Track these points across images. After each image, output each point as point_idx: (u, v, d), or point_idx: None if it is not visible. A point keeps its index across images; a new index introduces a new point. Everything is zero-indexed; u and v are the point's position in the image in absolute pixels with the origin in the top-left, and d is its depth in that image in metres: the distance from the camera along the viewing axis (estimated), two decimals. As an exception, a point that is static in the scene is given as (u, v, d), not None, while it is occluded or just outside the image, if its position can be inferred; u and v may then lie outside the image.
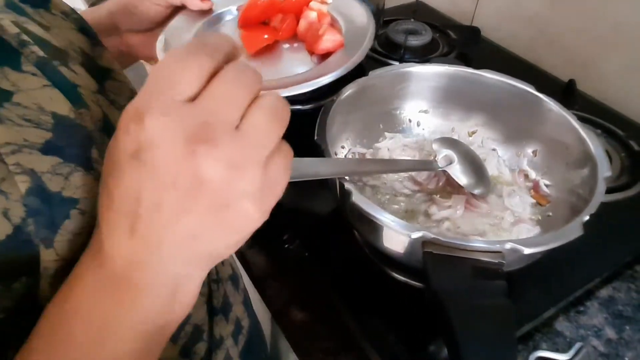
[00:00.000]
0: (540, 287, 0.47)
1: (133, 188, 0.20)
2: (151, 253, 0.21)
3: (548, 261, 0.40)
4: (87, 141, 0.25)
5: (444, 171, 0.46)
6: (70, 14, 0.33)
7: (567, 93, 0.71)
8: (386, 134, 0.56)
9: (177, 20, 0.47)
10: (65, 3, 0.34)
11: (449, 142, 0.48)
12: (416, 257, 0.36)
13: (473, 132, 0.56)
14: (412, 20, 0.88)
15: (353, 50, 0.41)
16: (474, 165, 0.47)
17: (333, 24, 0.45)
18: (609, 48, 0.72)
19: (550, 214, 0.47)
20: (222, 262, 0.43)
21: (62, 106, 0.25)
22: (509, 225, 0.46)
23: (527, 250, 0.34)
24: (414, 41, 0.81)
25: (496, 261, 0.34)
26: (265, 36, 0.45)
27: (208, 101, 0.20)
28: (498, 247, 0.34)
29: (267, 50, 0.44)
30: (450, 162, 0.46)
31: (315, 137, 0.44)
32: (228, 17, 0.50)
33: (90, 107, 0.27)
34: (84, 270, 0.22)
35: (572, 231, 0.35)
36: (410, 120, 0.57)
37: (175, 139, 0.19)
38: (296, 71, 0.42)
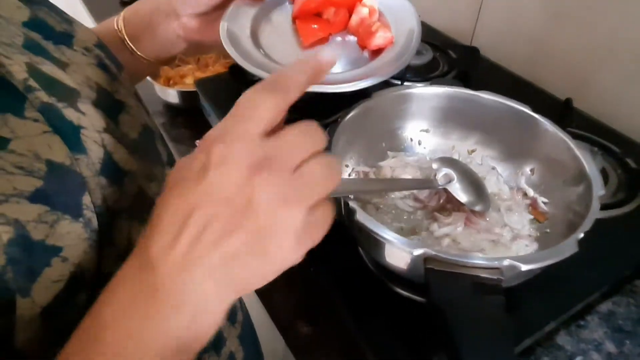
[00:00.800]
0: (542, 301, 0.48)
1: (190, 200, 0.22)
2: (188, 268, 0.22)
3: (548, 275, 0.41)
4: (79, 188, 0.26)
5: (445, 189, 0.48)
6: (92, 50, 0.34)
7: (564, 111, 0.73)
8: (389, 152, 0.58)
9: (235, 6, 0.49)
10: (90, 36, 0.35)
11: (449, 162, 0.50)
12: (418, 273, 0.37)
13: (472, 151, 0.58)
14: (413, 40, 0.90)
15: (401, 47, 0.44)
16: (474, 183, 0.49)
17: (381, 19, 0.47)
18: (603, 67, 0.74)
19: (549, 230, 0.49)
20: None
21: (58, 153, 0.26)
22: (508, 242, 0.47)
23: (524, 267, 0.35)
24: (416, 60, 0.83)
25: (495, 277, 0.36)
26: (314, 26, 0.47)
27: (277, 141, 0.23)
28: (496, 264, 0.36)
29: (320, 41, 0.46)
30: (450, 181, 0.47)
31: (321, 157, 0.46)
32: (282, 3, 0.52)
33: (90, 152, 0.28)
34: (125, 273, 0.24)
35: (567, 248, 0.37)
36: (411, 139, 0.59)
37: (240, 163, 0.22)
38: (349, 66, 0.45)
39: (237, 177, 0.22)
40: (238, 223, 0.22)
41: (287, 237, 0.23)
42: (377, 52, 0.45)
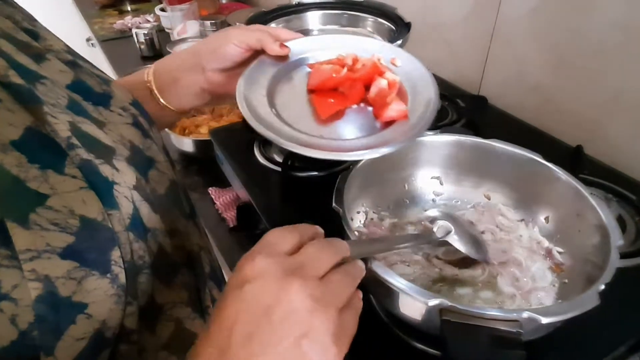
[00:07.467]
0: (565, 356, 0.46)
1: (230, 318, 0.25)
2: None
3: (571, 328, 0.39)
4: (109, 243, 0.27)
5: (445, 241, 0.46)
6: (128, 109, 0.37)
7: (575, 158, 0.72)
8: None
9: (256, 64, 0.50)
10: (126, 96, 0.38)
11: (445, 216, 0.50)
12: (434, 325, 0.36)
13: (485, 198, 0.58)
14: (422, 90, 0.92)
15: (414, 122, 0.44)
16: (470, 234, 0.48)
17: (400, 92, 0.48)
18: (612, 115, 0.74)
19: (567, 281, 0.47)
20: None
21: (92, 208, 0.27)
22: (525, 293, 0.46)
23: (544, 320, 0.34)
24: (424, 109, 0.85)
25: (514, 330, 0.34)
26: (331, 100, 0.47)
27: (302, 256, 0.27)
28: (515, 316, 0.35)
29: (337, 113, 0.47)
30: (448, 232, 0.46)
31: (334, 204, 0.46)
32: (302, 65, 0.53)
33: (122, 207, 0.29)
34: None
35: (589, 301, 0.36)
36: (423, 187, 0.59)
37: (274, 273, 0.25)
38: (361, 133, 0.45)
39: (273, 286, 0.25)
40: (277, 337, 0.24)
41: (326, 338, 0.26)
42: (389, 123, 0.45)
